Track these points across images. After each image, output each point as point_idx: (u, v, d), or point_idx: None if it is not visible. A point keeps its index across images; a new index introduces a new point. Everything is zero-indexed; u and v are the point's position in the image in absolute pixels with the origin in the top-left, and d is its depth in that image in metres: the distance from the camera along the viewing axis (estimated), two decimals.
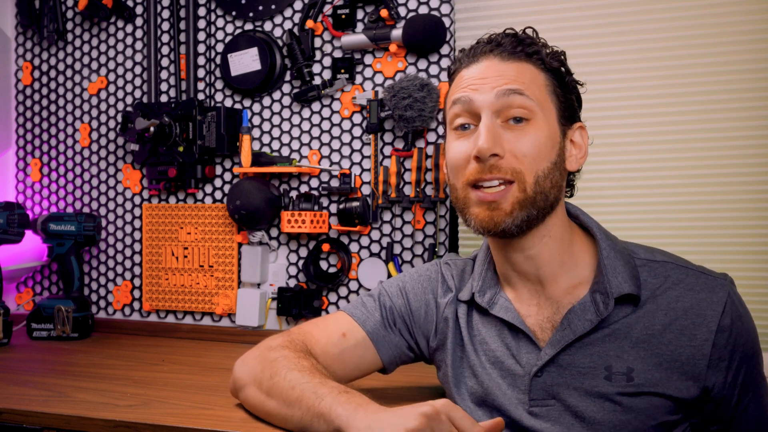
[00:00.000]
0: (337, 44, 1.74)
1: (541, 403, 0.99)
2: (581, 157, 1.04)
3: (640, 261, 1.01)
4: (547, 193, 0.97)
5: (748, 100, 1.43)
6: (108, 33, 1.95)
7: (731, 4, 1.44)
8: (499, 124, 0.97)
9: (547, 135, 0.98)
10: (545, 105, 0.99)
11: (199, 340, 1.82)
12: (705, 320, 0.95)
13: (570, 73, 1.03)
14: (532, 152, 0.96)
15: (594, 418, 0.96)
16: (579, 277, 1.02)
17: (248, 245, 1.79)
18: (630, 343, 0.97)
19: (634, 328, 0.97)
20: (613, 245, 1.02)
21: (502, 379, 1.03)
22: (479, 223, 0.98)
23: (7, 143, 2.04)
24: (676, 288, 0.98)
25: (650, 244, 1.09)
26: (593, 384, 0.97)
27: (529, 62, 1.00)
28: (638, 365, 0.96)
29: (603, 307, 0.97)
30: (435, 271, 1.18)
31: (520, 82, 0.97)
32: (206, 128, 1.76)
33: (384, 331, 1.13)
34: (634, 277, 0.99)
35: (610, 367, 0.96)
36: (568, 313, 0.99)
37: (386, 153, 1.69)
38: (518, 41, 1.01)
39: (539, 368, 0.99)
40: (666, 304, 0.97)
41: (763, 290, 1.44)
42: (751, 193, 1.44)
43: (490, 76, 0.98)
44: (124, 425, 1.09)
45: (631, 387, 0.95)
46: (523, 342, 1.02)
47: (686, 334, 0.96)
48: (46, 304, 1.81)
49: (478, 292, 1.07)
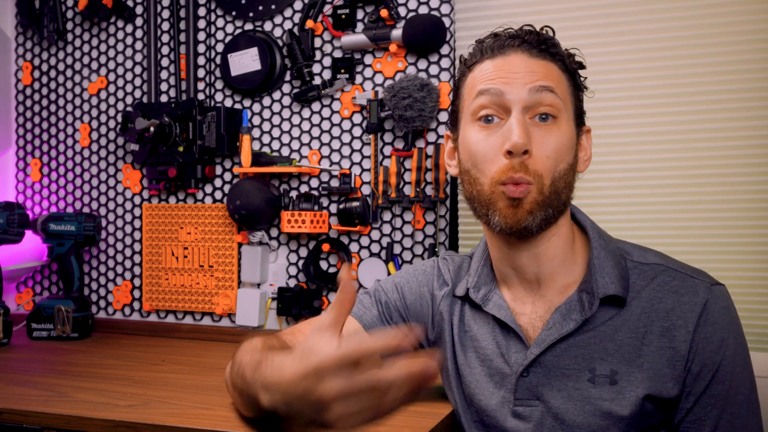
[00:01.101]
0: (337, 44, 1.74)
1: (525, 404, 0.99)
2: (587, 160, 1.05)
3: (632, 263, 1.01)
4: (561, 194, 0.97)
5: (748, 100, 1.43)
6: (108, 33, 1.95)
7: (731, 4, 1.44)
8: (528, 120, 0.96)
9: (569, 136, 0.98)
10: (567, 106, 0.99)
11: (199, 340, 1.82)
12: (684, 322, 0.94)
13: (581, 77, 1.04)
14: (555, 154, 0.96)
15: (574, 421, 0.95)
16: (573, 276, 1.02)
17: (248, 245, 1.79)
18: (615, 345, 0.96)
19: (619, 330, 0.96)
20: (604, 245, 1.01)
21: (489, 378, 1.03)
22: (503, 219, 0.95)
23: (7, 143, 2.04)
24: (660, 290, 0.97)
25: (650, 244, 1.08)
26: (576, 386, 0.96)
27: (553, 62, 1.00)
28: (622, 368, 0.95)
29: (588, 307, 0.96)
30: (431, 265, 1.18)
31: (550, 79, 0.97)
32: (206, 128, 1.76)
33: (381, 325, 1.13)
34: (622, 278, 0.98)
35: (594, 369, 0.96)
36: (554, 312, 0.99)
37: (386, 153, 1.69)
38: (543, 39, 1.00)
39: (524, 368, 0.99)
40: (650, 306, 0.96)
41: (763, 290, 1.43)
42: (751, 193, 1.44)
43: (520, 71, 0.97)
44: (124, 425, 1.09)
45: (615, 390, 0.95)
46: (513, 341, 1.01)
47: (667, 336, 0.95)
48: (46, 304, 1.81)
49: (473, 287, 1.07)
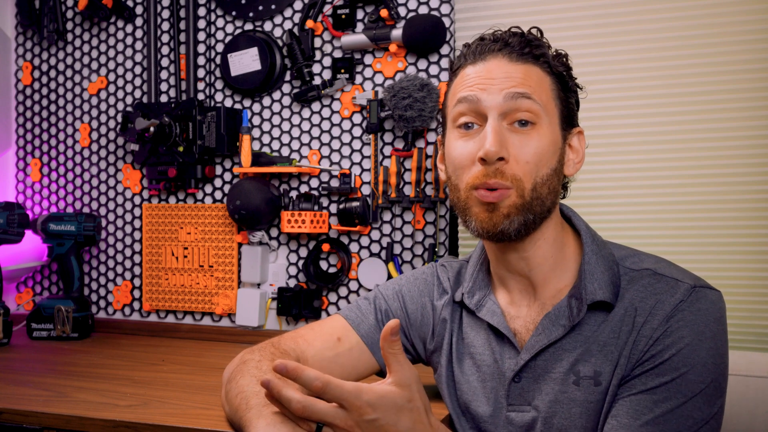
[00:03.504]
0: (337, 44, 1.74)
1: (518, 409, 0.99)
2: (578, 162, 1.03)
3: (624, 269, 0.99)
4: (544, 199, 0.96)
5: (748, 100, 1.43)
6: (108, 33, 1.95)
7: (731, 4, 1.44)
8: (505, 126, 0.96)
9: (550, 141, 0.97)
10: (550, 109, 0.98)
11: (199, 340, 1.82)
12: (653, 317, 0.93)
13: (572, 77, 1.02)
14: (534, 159, 0.95)
15: (562, 425, 0.95)
16: (565, 280, 1.01)
17: (248, 245, 1.79)
18: (598, 346, 0.95)
19: (602, 331, 0.96)
20: (597, 250, 1.00)
21: (483, 384, 1.03)
22: (479, 224, 0.97)
23: (7, 143, 2.04)
24: (643, 291, 0.96)
25: (650, 245, 1.09)
26: (563, 389, 0.96)
27: (536, 64, 0.98)
28: (606, 368, 0.94)
29: (576, 312, 0.96)
30: (431, 273, 1.17)
31: (527, 85, 0.96)
32: (206, 128, 1.76)
33: (378, 334, 1.11)
34: (612, 283, 0.97)
35: (579, 372, 0.95)
36: (544, 317, 0.98)
37: (386, 153, 1.69)
38: (526, 42, 0.99)
39: (516, 373, 0.99)
40: (631, 306, 0.95)
41: (763, 290, 1.43)
42: (751, 194, 1.44)
43: (498, 76, 0.96)
44: (124, 425, 1.09)
45: (599, 391, 0.94)
46: (507, 347, 1.01)
47: (637, 328, 0.93)
48: (46, 304, 1.81)
49: (467, 293, 1.07)
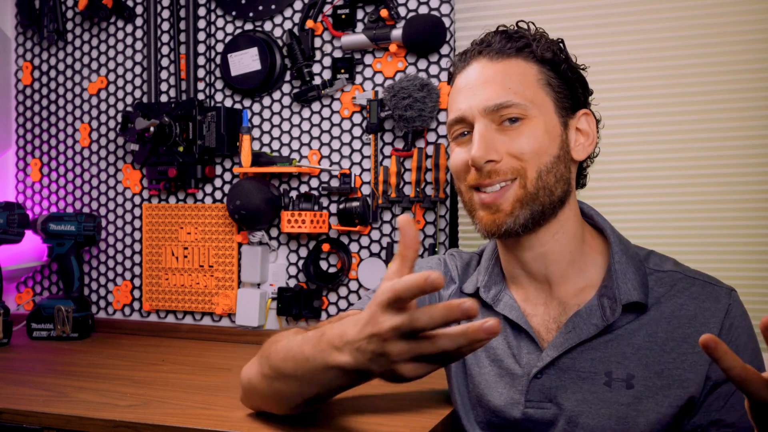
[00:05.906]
0: (337, 44, 1.74)
1: (537, 405, 0.99)
2: (589, 144, 1.02)
3: (649, 270, 1.00)
4: (552, 188, 0.96)
5: (748, 100, 1.43)
6: (108, 33, 1.95)
7: (731, 4, 1.44)
8: (494, 128, 0.96)
9: (544, 130, 0.96)
10: (539, 100, 0.97)
11: (199, 340, 1.82)
12: (708, 328, 0.94)
13: (566, 61, 1.01)
14: (531, 149, 0.95)
15: (589, 425, 0.95)
16: (588, 279, 1.01)
17: (248, 245, 1.79)
18: (632, 349, 0.95)
19: (636, 334, 0.96)
20: (625, 250, 1.00)
21: (499, 378, 1.02)
22: (483, 227, 0.99)
23: (7, 143, 2.04)
24: (680, 296, 0.97)
25: (650, 245, 1.08)
26: (592, 389, 0.96)
27: (518, 57, 0.98)
28: (639, 372, 0.94)
29: (610, 313, 0.96)
30: (437, 262, 1.16)
31: (506, 88, 0.96)
32: (206, 128, 1.76)
33: None
34: (643, 284, 0.97)
35: (610, 373, 0.95)
36: (573, 315, 0.98)
37: (386, 153, 1.69)
38: (507, 38, 0.99)
39: (539, 370, 0.98)
40: (670, 312, 0.96)
41: (763, 290, 1.43)
42: (751, 193, 1.44)
43: (478, 83, 0.98)
44: (124, 425, 1.09)
45: (631, 394, 0.94)
46: (525, 342, 1.01)
47: (689, 341, 0.94)
48: (46, 304, 1.80)
49: (484, 287, 1.06)
